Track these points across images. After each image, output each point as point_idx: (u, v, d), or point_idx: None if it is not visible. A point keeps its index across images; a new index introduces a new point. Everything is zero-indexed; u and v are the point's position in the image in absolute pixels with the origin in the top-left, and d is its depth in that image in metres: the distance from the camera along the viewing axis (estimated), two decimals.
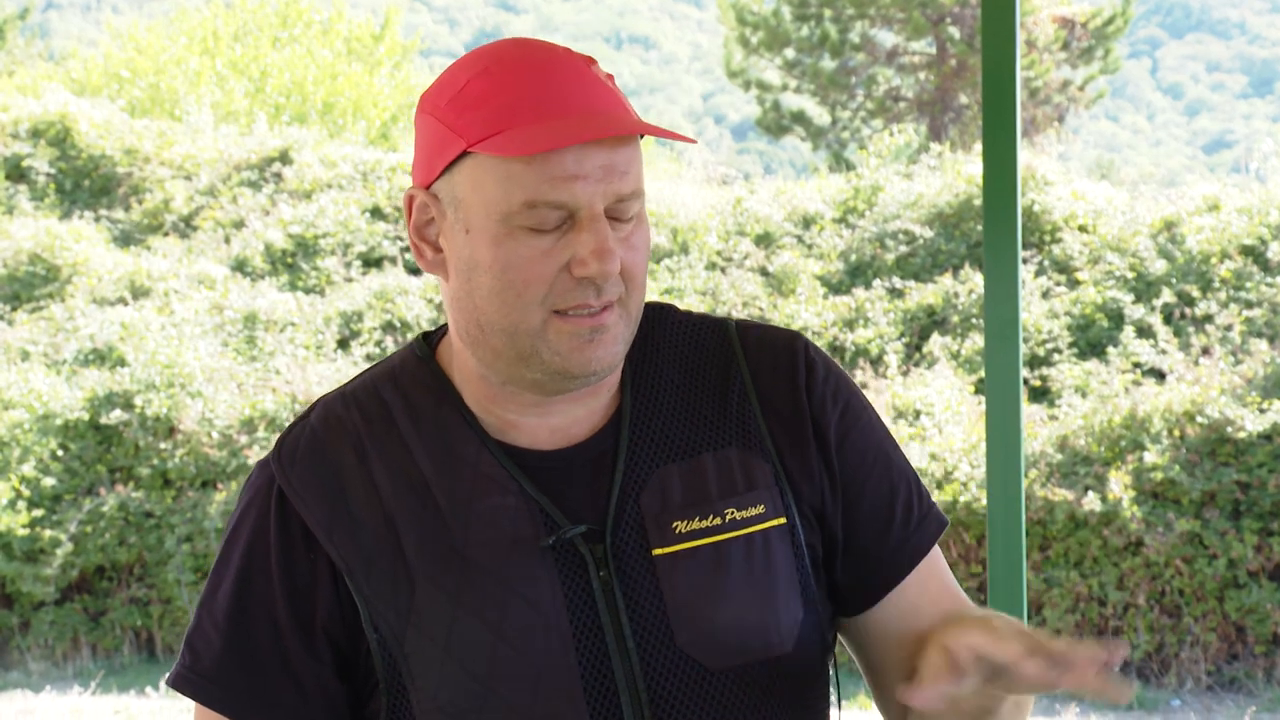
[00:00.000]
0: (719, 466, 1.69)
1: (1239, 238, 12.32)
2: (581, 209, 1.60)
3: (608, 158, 1.60)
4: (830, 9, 22.71)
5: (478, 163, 1.61)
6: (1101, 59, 23.05)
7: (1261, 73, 58.54)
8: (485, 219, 1.62)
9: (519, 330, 1.62)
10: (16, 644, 11.83)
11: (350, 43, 25.49)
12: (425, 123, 1.67)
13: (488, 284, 1.62)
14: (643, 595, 1.65)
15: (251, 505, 1.69)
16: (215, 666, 1.67)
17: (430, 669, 1.62)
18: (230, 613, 1.67)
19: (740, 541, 1.67)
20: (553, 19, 62.83)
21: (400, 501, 1.65)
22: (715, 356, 1.74)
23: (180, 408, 12.06)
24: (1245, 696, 10.14)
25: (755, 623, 1.67)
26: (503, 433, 1.69)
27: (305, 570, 1.65)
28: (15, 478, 11.87)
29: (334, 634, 1.65)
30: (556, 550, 1.64)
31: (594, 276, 1.60)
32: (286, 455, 1.69)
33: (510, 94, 1.61)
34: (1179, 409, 10.47)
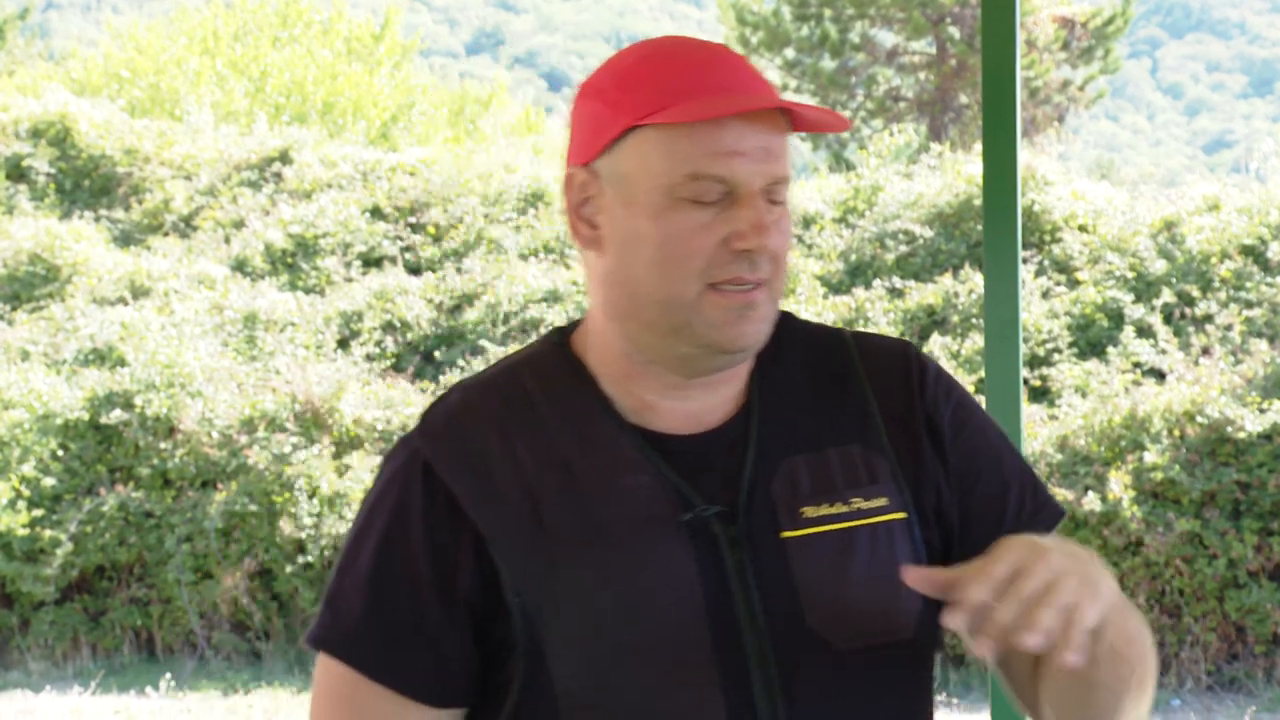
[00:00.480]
0: (843, 460, 1.76)
1: (1239, 238, 12.32)
2: (740, 185, 1.68)
3: (766, 140, 1.69)
4: (830, 9, 22.71)
5: (643, 137, 1.69)
6: (1101, 59, 23.05)
7: (1261, 73, 58.54)
8: (648, 192, 1.69)
9: (675, 302, 1.69)
10: (16, 644, 11.83)
11: (350, 43, 25.49)
12: (586, 106, 1.76)
13: (647, 255, 1.69)
14: (773, 575, 1.71)
15: (396, 477, 1.75)
16: (355, 627, 1.72)
17: (570, 637, 1.68)
18: (372, 577, 1.72)
19: (865, 530, 1.74)
20: (553, 19, 62.84)
21: (542, 477, 1.71)
22: (834, 361, 1.82)
23: (180, 408, 12.06)
24: (1245, 696, 10.14)
25: (879, 606, 1.72)
26: (639, 415, 1.75)
27: (449, 539, 1.71)
28: (15, 478, 11.87)
29: (474, 602, 1.70)
30: (692, 528, 1.70)
31: (752, 250, 1.68)
32: (431, 429, 1.75)
33: (675, 73, 1.70)
34: (1179, 409, 10.47)
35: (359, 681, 1.72)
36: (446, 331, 13.30)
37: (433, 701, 1.72)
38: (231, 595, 11.74)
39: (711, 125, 1.67)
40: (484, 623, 1.71)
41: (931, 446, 1.79)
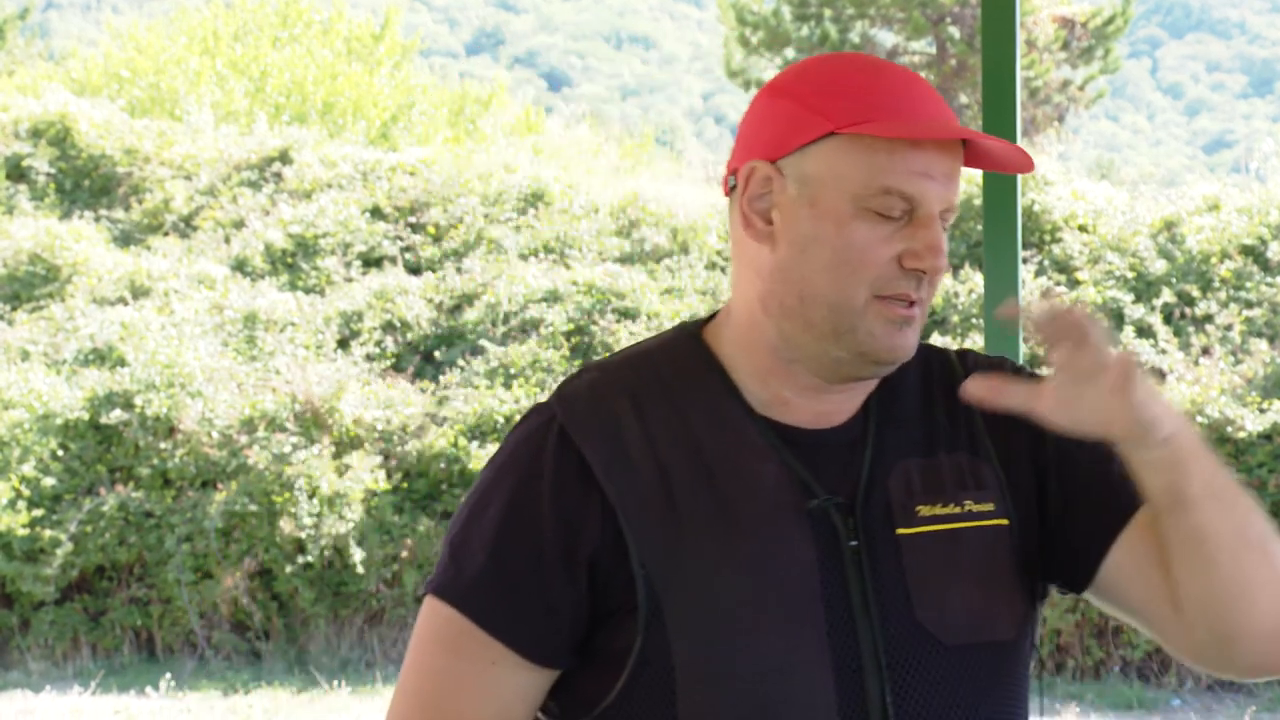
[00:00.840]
0: (953, 466, 1.83)
1: (1239, 238, 12.32)
2: (924, 207, 1.76)
3: (951, 168, 1.78)
4: (830, 9, 22.71)
5: (840, 144, 1.76)
6: (1101, 59, 23.05)
7: (1261, 73, 58.55)
8: (836, 198, 1.75)
9: (843, 306, 1.75)
10: (16, 644, 11.83)
11: (350, 43, 25.48)
12: (777, 104, 1.81)
13: (824, 258, 1.76)
14: (886, 568, 1.77)
15: (529, 439, 1.80)
16: (477, 580, 1.77)
17: (691, 608, 1.73)
18: (498, 533, 1.77)
19: (975, 532, 1.81)
20: (553, 19, 62.82)
21: (673, 453, 1.77)
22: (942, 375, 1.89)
23: (180, 408, 12.06)
24: (1245, 696, 10.14)
25: (986, 607, 1.79)
26: (767, 407, 1.81)
27: (577, 504, 1.76)
28: (15, 478, 11.87)
29: (595, 568, 1.76)
30: (814, 517, 1.76)
31: (925, 270, 1.76)
32: (569, 397, 1.81)
33: (880, 89, 1.78)
34: (1179, 409, 10.47)
35: (470, 631, 1.77)
36: (446, 331, 13.30)
37: (537, 659, 1.78)
38: (231, 595, 11.74)
39: (911, 145, 1.75)
40: (603, 590, 1.76)
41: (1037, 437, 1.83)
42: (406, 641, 8.70)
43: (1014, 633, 1.81)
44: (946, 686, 1.77)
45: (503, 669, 1.78)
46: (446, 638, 1.79)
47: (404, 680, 1.82)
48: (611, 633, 1.76)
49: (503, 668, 1.78)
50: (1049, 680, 10.38)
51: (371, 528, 11.82)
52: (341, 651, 11.83)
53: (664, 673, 1.73)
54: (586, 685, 1.79)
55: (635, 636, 1.74)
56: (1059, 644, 10.49)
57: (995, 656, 1.80)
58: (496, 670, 1.78)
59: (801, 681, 1.72)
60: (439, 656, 1.80)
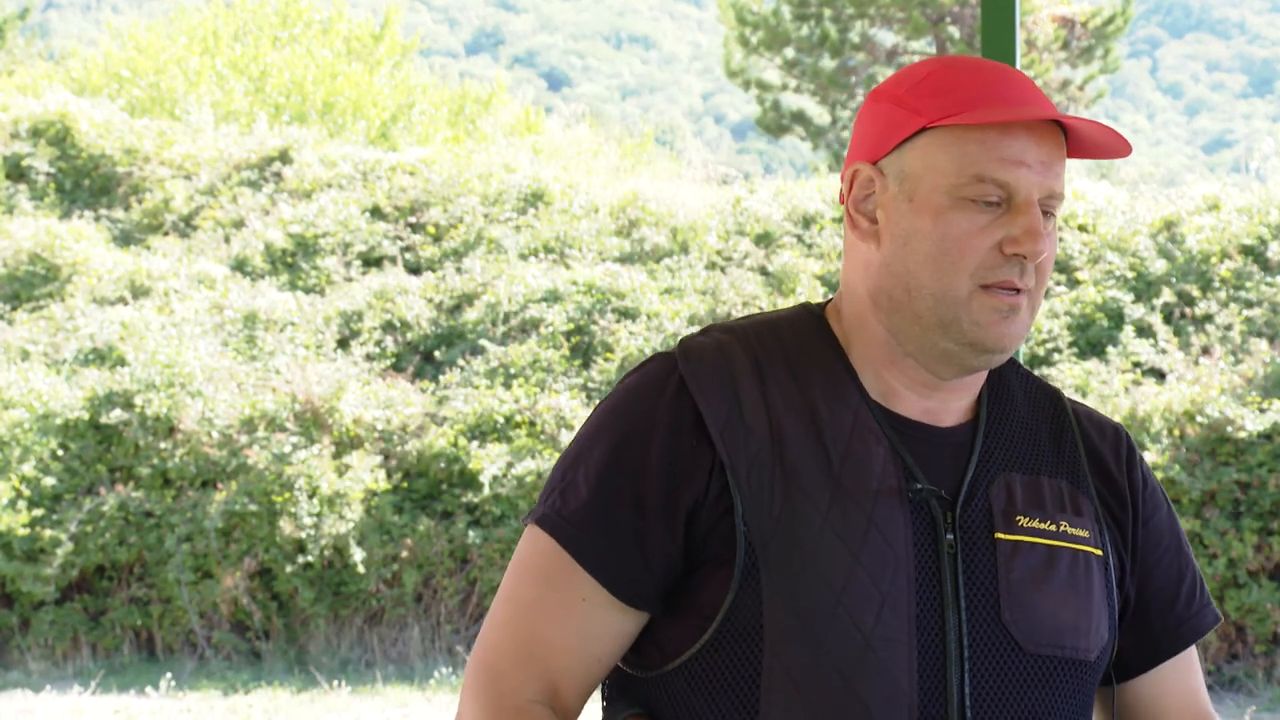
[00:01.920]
0: (1053, 490, 1.88)
1: (1239, 237, 12.32)
2: (1020, 193, 1.79)
3: (1048, 155, 1.81)
4: (830, 9, 22.70)
5: (933, 138, 1.81)
6: (1101, 59, 23.04)
7: (1261, 73, 58.52)
8: (932, 190, 1.80)
9: (947, 296, 1.80)
10: (16, 644, 11.83)
11: (350, 42, 25.48)
12: (877, 109, 1.87)
13: (925, 250, 1.80)
14: (980, 567, 1.81)
15: (647, 383, 1.85)
16: (577, 514, 1.82)
17: (790, 571, 1.76)
18: (602, 473, 1.82)
19: (1069, 553, 1.85)
20: (553, 19, 62.79)
21: (787, 420, 1.81)
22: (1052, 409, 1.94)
23: (180, 407, 12.06)
24: (1245, 696, 10.14)
25: (1071, 623, 1.84)
26: (882, 396, 1.86)
27: (686, 455, 1.80)
28: (15, 477, 11.87)
29: (695, 519, 1.79)
30: (915, 504, 1.80)
31: (1024, 255, 1.79)
32: (693, 352, 1.85)
33: (972, 83, 1.83)
34: (1179, 409, 10.47)
35: (567, 564, 1.81)
36: (446, 331, 13.30)
37: (626, 598, 1.81)
38: (231, 595, 11.74)
39: (1000, 133, 1.79)
40: (701, 541, 1.79)
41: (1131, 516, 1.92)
42: (407, 641, 8.76)
43: (1094, 655, 1.85)
44: (1022, 690, 1.80)
45: (593, 605, 1.81)
46: (541, 568, 1.83)
47: (496, 608, 1.85)
48: (704, 585, 1.79)
49: (593, 604, 1.81)
50: None
51: (371, 527, 11.82)
52: (341, 651, 11.83)
53: (752, 630, 1.76)
54: (672, 635, 1.82)
55: (728, 591, 1.77)
56: None
57: (1072, 673, 1.84)
58: (586, 606, 1.81)
59: (885, 657, 1.75)
60: (533, 586, 1.83)
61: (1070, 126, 1.83)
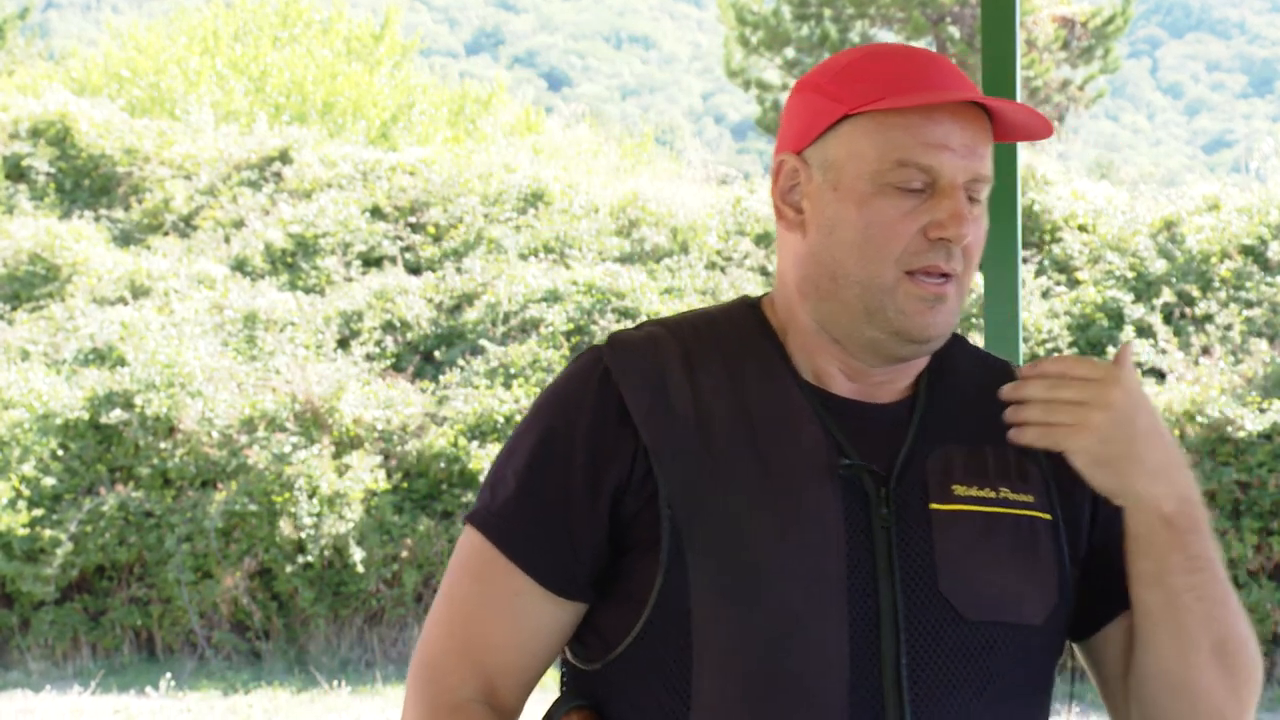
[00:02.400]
0: (998, 457, 1.85)
1: (1239, 237, 12.32)
2: (944, 177, 1.79)
3: (972, 138, 1.80)
4: (830, 9, 22.70)
5: (856, 125, 1.80)
6: (1101, 59, 23.05)
7: (1261, 73, 58.53)
8: (855, 177, 1.80)
9: (872, 284, 1.79)
10: (16, 644, 11.83)
11: (350, 42, 25.48)
12: (802, 99, 1.87)
13: (850, 238, 1.80)
14: (915, 539, 1.79)
15: (573, 378, 1.86)
16: (506, 509, 1.83)
17: (716, 553, 1.76)
18: (529, 465, 1.83)
19: (1010, 519, 1.83)
20: (553, 19, 62.80)
21: (715, 406, 1.81)
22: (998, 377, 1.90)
23: (180, 407, 12.06)
24: None
25: (1015, 589, 1.81)
26: (816, 378, 1.85)
27: (611, 441, 1.80)
28: (15, 477, 11.87)
29: (620, 505, 1.80)
30: (846, 481, 1.79)
31: (949, 239, 1.78)
32: (619, 343, 1.86)
33: (893, 69, 1.82)
34: (1179, 409, 10.47)
35: (498, 559, 1.82)
36: (446, 331, 13.30)
37: (557, 589, 1.81)
38: (231, 595, 11.74)
39: (922, 117, 1.78)
40: (627, 525, 1.80)
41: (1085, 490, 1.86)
42: (407, 641, 8.77)
43: (1040, 619, 1.82)
44: (963, 658, 1.78)
45: (527, 599, 1.82)
46: (475, 565, 1.84)
47: (435, 607, 1.86)
48: (634, 571, 1.79)
49: (527, 598, 1.82)
50: None
51: (371, 527, 11.82)
52: (341, 651, 11.83)
53: (681, 614, 1.76)
54: (608, 624, 1.82)
55: (657, 576, 1.77)
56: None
57: (1018, 639, 1.81)
58: (520, 600, 1.82)
59: (815, 633, 1.75)
60: (468, 583, 1.84)
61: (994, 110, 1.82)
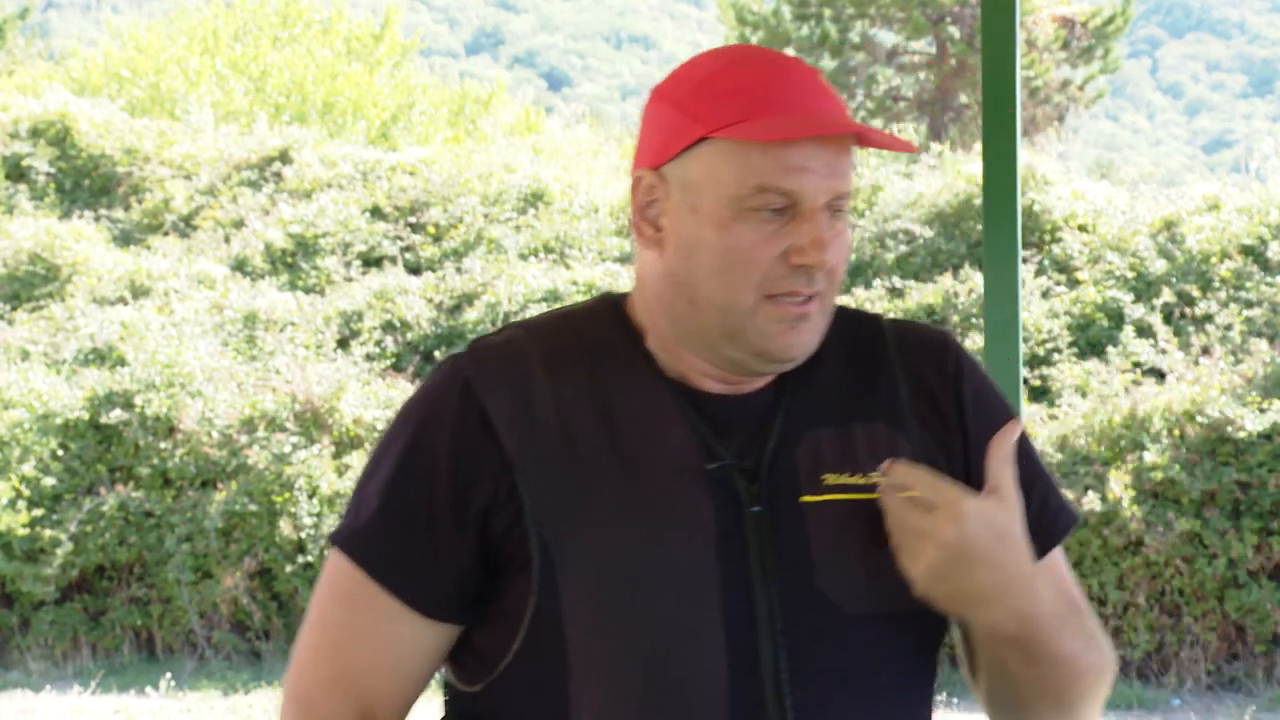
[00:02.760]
0: (868, 437, 1.81)
1: (1239, 237, 12.31)
2: (805, 200, 1.74)
3: (834, 157, 1.76)
4: (830, 9, 22.71)
5: (715, 147, 1.74)
6: (1101, 59, 23.06)
7: (1261, 73, 58.55)
8: (714, 201, 1.74)
9: (732, 309, 1.74)
10: (16, 644, 11.83)
11: (350, 42, 25.49)
12: (660, 111, 1.80)
13: (709, 262, 1.75)
14: (789, 535, 1.76)
15: (433, 389, 1.80)
16: (368, 527, 1.78)
17: (587, 567, 1.72)
18: (391, 483, 1.78)
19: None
20: (553, 19, 62.83)
21: (579, 413, 1.76)
22: (866, 343, 1.87)
23: (180, 407, 12.06)
24: (1245, 696, 10.14)
25: (893, 577, 1.76)
26: (679, 376, 1.81)
27: (474, 455, 1.75)
28: (15, 477, 11.87)
29: (487, 523, 1.75)
30: (714, 479, 1.75)
31: (811, 265, 1.74)
32: (479, 352, 1.81)
33: (753, 89, 1.75)
34: (1179, 409, 10.47)
35: (365, 583, 1.77)
36: (446, 331, 13.30)
37: (426, 610, 1.76)
38: (231, 595, 11.74)
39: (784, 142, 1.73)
40: (496, 544, 1.75)
41: (960, 439, 1.85)
42: None
43: (919, 604, 1.77)
44: (845, 653, 1.75)
45: (397, 623, 1.77)
46: (342, 589, 1.79)
47: (304, 634, 1.81)
48: (508, 589, 1.75)
49: (397, 621, 1.77)
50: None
51: None
52: None
53: (557, 633, 1.72)
54: (485, 644, 1.78)
55: (530, 594, 1.72)
56: None
57: (899, 628, 1.78)
58: (392, 624, 1.77)
59: (691, 640, 1.71)
60: (336, 608, 1.80)
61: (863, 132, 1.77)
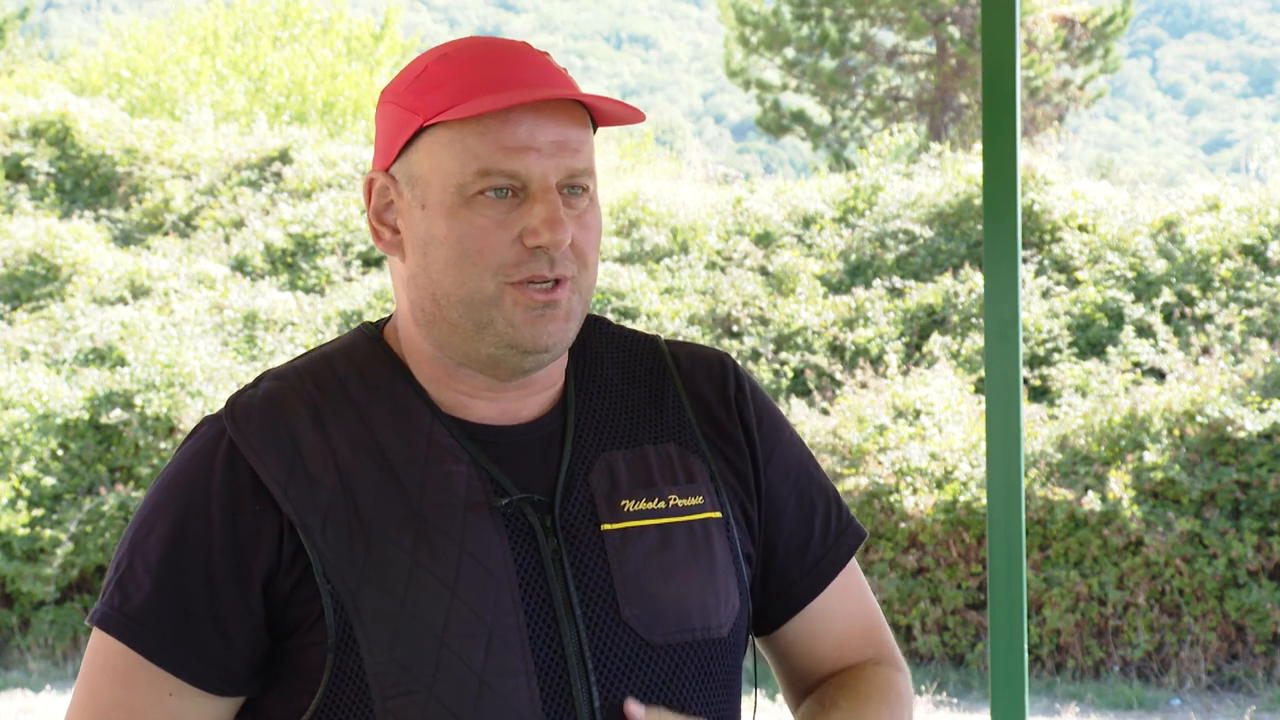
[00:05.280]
0: (660, 458, 1.76)
1: (1239, 237, 12.32)
2: (534, 181, 1.66)
3: (560, 133, 1.68)
4: (830, 8, 22.71)
5: (434, 137, 1.68)
6: (1101, 58, 23.05)
7: (1261, 72, 58.55)
8: (441, 192, 1.68)
9: (475, 299, 1.67)
10: (16, 644, 11.84)
11: (350, 42, 25.49)
12: (385, 111, 1.74)
13: (444, 255, 1.68)
14: (590, 567, 1.70)
15: (196, 455, 1.70)
16: (141, 609, 1.67)
17: (386, 623, 1.64)
18: (164, 559, 1.67)
19: (683, 527, 1.74)
20: (553, 18, 62.84)
21: (356, 462, 1.68)
22: (648, 365, 1.82)
23: (180, 407, 12.06)
24: (1245, 696, 10.14)
25: (697, 603, 1.73)
26: (454, 409, 1.73)
27: (249, 522, 1.66)
28: (15, 477, 11.87)
29: (272, 588, 1.66)
30: (507, 515, 1.68)
31: (546, 245, 1.66)
32: (241, 412, 1.70)
33: (467, 72, 1.69)
34: (1179, 408, 10.47)
35: (138, 664, 1.67)
36: None
37: (213, 689, 1.68)
38: None
39: (501, 120, 1.66)
40: (283, 609, 1.66)
41: (749, 459, 1.81)
42: None
43: (727, 629, 1.75)
44: (656, 685, 1.70)
45: (182, 699, 1.67)
46: (116, 671, 1.68)
47: (73, 713, 1.70)
48: (300, 652, 1.67)
49: (182, 698, 1.67)
50: (1049, 680, 10.38)
51: None
52: None
53: (359, 690, 1.64)
54: (279, 705, 1.70)
55: (326, 654, 1.65)
56: (1059, 644, 10.49)
57: (706, 654, 1.74)
58: (175, 701, 1.67)
59: (504, 689, 1.64)
60: (110, 691, 1.68)
61: (586, 100, 1.70)
